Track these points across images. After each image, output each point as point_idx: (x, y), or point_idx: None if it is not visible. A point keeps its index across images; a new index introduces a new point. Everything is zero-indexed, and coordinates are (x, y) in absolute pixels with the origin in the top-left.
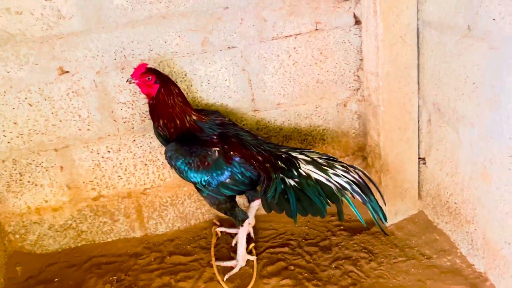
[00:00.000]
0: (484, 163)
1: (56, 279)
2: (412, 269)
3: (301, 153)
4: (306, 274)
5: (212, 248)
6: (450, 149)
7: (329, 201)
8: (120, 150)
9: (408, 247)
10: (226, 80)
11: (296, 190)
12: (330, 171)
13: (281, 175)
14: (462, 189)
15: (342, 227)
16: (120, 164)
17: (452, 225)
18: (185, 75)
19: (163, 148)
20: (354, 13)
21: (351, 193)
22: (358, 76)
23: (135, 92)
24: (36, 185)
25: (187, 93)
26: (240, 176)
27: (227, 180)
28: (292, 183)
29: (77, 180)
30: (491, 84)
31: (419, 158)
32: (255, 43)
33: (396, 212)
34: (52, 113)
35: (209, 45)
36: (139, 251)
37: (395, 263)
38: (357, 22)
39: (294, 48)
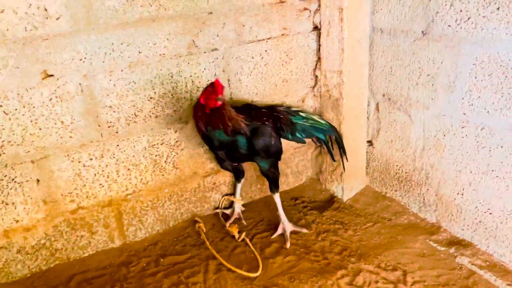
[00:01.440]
0: (437, 136)
1: None
2: (382, 230)
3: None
4: (302, 250)
5: (207, 242)
6: (400, 129)
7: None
8: (103, 156)
9: (369, 215)
10: (208, 80)
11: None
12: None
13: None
14: (414, 160)
15: (309, 207)
16: (103, 171)
17: (402, 191)
18: (172, 77)
19: (147, 151)
20: (313, 21)
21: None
22: (315, 75)
23: (122, 95)
24: (6, 204)
25: (172, 95)
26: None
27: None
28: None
29: (55, 193)
30: (446, 74)
31: (367, 141)
32: (235, 46)
33: (351, 188)
34: (31, 121)
35: (194, 48)
36: (125, 260)
37: (366, 228)
38: (315, 28)
39: (266, 51)
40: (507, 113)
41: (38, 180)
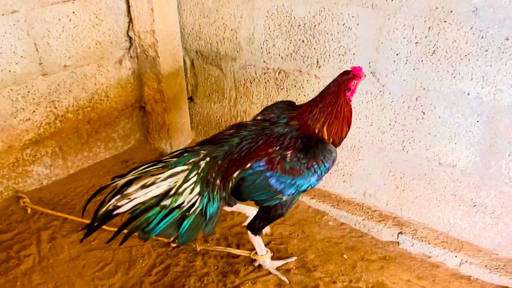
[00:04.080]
0: (246, 84)
1: None
2: None
3: None
4: None
5: (43, 209)
6: (215, 82)
7: None
8: None
9: None
10: (11, 45)
11: None
12: None
13: None
14: (230, 109)
15: None
16: None
17: None
18: None
19: None
20: None
21: None
22: (129, 37)
23: None
24: None
25: None
26: None
27: None
28: None
29: None
30: (246, 27)
31: (188, 97)
32: (37, 7)
33: (179, 144)
34: None
35: None
36: None
37: None
38: None
39: (73, 12)
40: (296, 57)
41: None
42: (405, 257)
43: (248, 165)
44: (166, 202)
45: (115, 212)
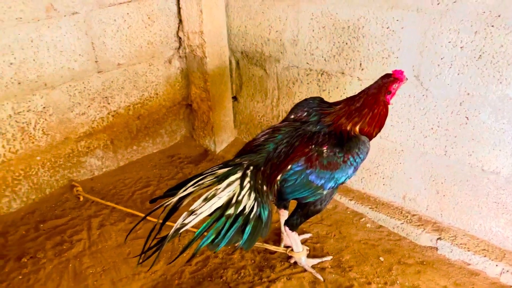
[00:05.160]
0: (289, 85)
1: None
2: None
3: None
4: None
5: (95, 198)
6: (259, 83)
7: None
8: None
9: None
10: (71, 44)
11: None
12: None
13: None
14: (272, 108)
15: (185, 162)
16: None
17: None
18: (32, 41)
19: (13, 118)
20: None
21: None
22: (178, 37)
23: None
24: None
25: (34, 60)
26: None
27: None
28: None
29: None
30: (291, 30)
31: (232, 96)
32: (96, 9)
33: (222, 141)
34: None
35: (53, 11)
36: (1, 231)
37: None
38: None
39: (128, 13)
40: (339, 59)
41: None
42: (443, 263)
43: (288, 167)
44: (230, 211)
45: (184, 228)
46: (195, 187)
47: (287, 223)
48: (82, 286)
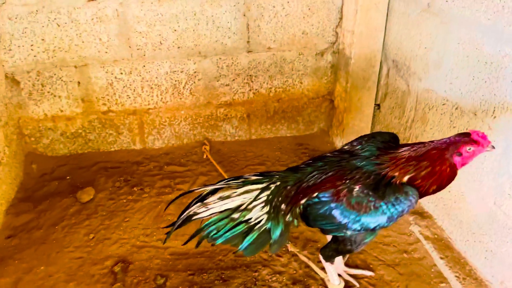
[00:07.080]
0: (425, 109)
1: (68, 177)
2: None
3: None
4: None
5: (210, 157)
6: (400, 97)
7: None
8: (131, 73)
9: None
10: (228, 22)
11: None
12: None
13: None
14: (405, 129)
15: (307, 154)
16: (130, 85)
17: None
18: (195, 14)
19: (168, 75)
20: None
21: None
22: (336, 32)
23: (150, 24)
24: (55, 96)
25: (193, 30)
26: None
27: None
28: None
29: (91, 95)
30: (437, 50)
31: (375, 104)
32: None
33: None
34: (77, 35)
35: None
36: (139, 160)
37: None
38: None
39: (288, 2)
40: (474, 97)
41: (79, 82)
42: None
43: (315, 194)
44: (235, 215)
45: (194, 217)
46: (223, 184)
47: (322, 251)
48: (155, 227)
